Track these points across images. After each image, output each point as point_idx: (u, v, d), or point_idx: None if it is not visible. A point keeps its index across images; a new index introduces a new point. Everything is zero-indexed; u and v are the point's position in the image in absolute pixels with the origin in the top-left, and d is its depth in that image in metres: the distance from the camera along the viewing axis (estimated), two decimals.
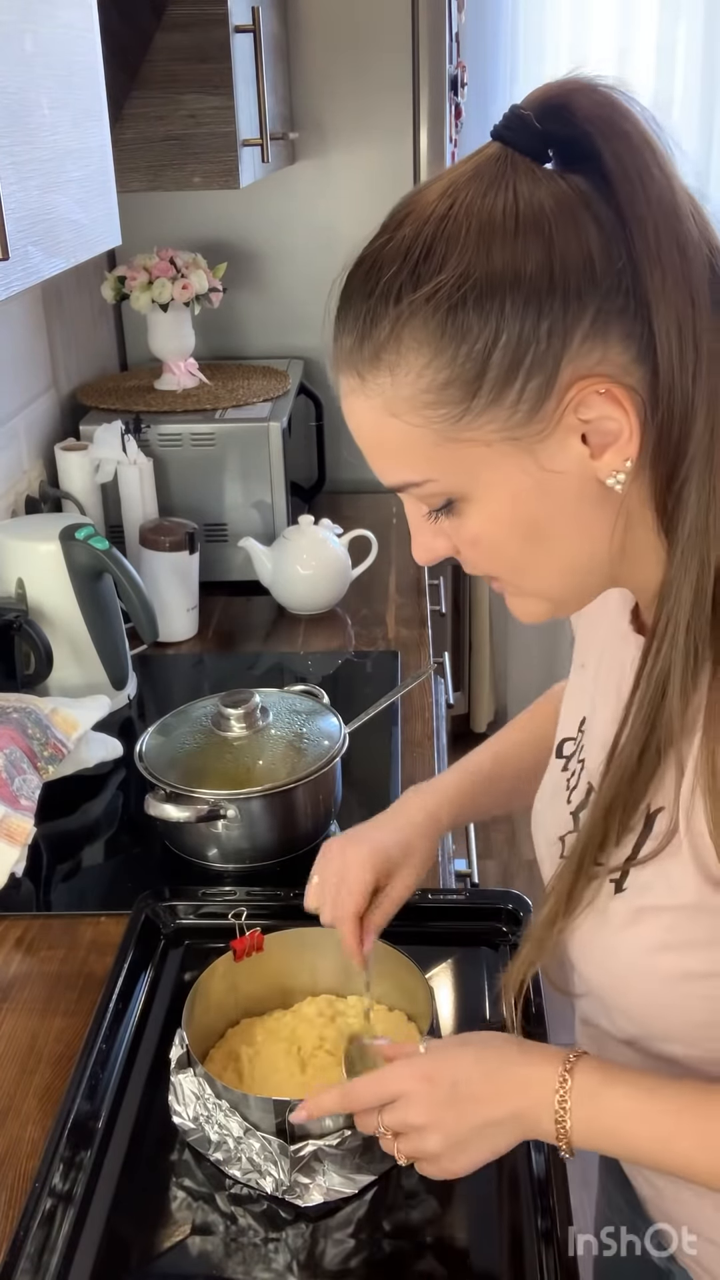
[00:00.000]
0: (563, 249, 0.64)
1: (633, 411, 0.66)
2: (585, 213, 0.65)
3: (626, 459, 0.67)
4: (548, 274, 0.64)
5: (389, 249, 0.69)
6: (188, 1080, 0.93)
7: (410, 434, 0.69)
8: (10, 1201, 0.91)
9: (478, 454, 0.69)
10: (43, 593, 1.56)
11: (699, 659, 0.68)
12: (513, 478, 0.69)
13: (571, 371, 0.65)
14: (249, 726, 1.29)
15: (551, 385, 0.66)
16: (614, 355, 0.66)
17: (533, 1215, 0.86)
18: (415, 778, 1.48)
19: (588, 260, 0.64)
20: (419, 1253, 0.85)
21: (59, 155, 1.01)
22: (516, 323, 0.65)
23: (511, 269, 0.64)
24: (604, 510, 0.70)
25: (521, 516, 0.71)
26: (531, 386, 0.66)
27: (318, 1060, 0.98)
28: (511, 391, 0.66)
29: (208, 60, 1.67)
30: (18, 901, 1.26)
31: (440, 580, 2.30)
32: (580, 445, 0.68)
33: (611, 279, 0.65)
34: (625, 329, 0.65)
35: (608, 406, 0.66)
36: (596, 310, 0.65)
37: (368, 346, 0.69)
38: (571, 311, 0.65)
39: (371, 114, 2.34)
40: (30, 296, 1.97)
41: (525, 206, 0.65)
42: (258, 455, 2.00)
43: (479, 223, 0.65)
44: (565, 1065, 0.76)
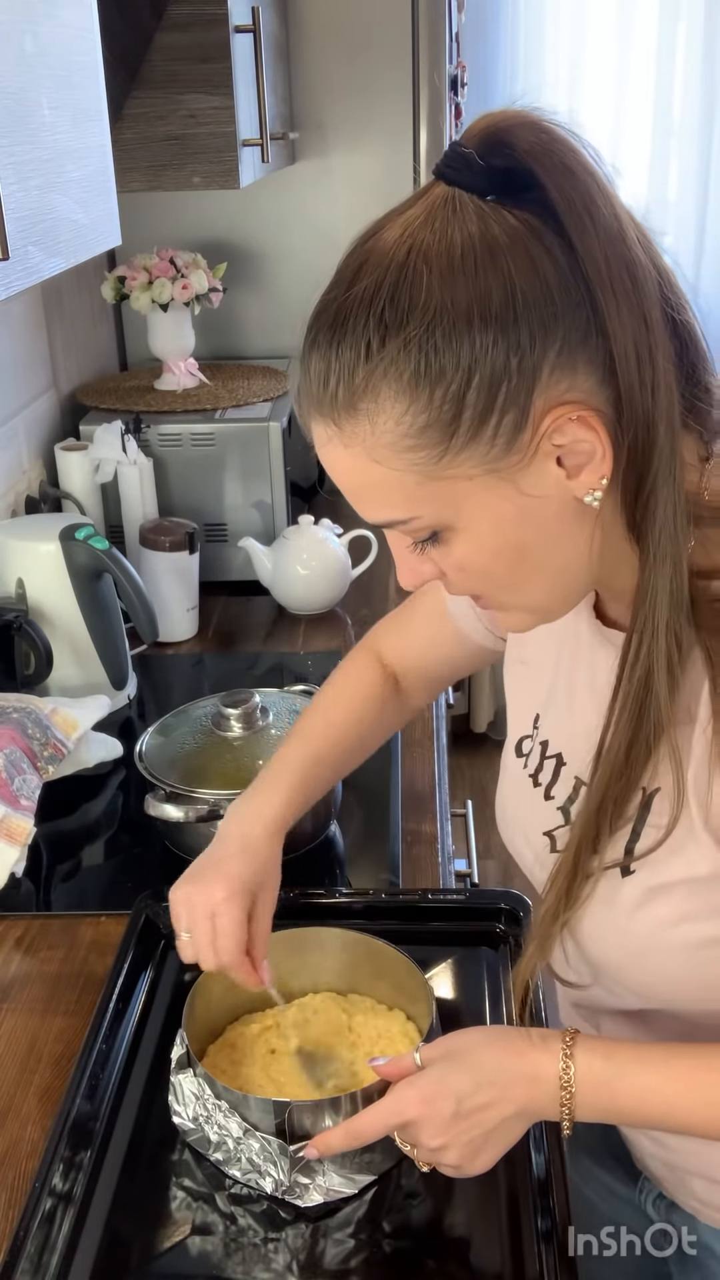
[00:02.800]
0: (523, 284, 0.66)
1: (603, 432, 0.68)
2: (538, 245, 0.67)
3: (602, 477, 0.70)
4: (511, 310, 0.66)
5: (350, 298, 0.70)
6: (188, 1080, 0.93)
7: (392, 477, 0.71)
8: (10, 1201, 0.91)
9: (460, 488, 0.71)
10: (43, 593, 1.56)
11: (682, 652, 0.71)
12: (495, 507, 0.71)
13: (544, 402, 0.68)
14: (249, 726, 1.29)
15: (526, 417, 0.68)
16: (580, 381, 0.68)
17: (533, 1215, 0.86)
18: (415, 778, 1.48)
19: (546, 293, 0.66)
20: (419, 1253, 0.85)
21: (59, 155, 1.01)
22: (487, 361, 0.66)
23: (477, 309, 0.66)
24: (582, 524, 0.73)
25: (506, 541, 0.73)
26: (507, 421, 0.68)
27: (314, 1053, 0.98)
28: (488, 427, 0.68)
29: (208, 60, 1.67)
30: (18, 901, 1.26)
31: None
32: (556, 468, 0.70)
33: (570, 308, 0.67)
34: (589, 355, 0.68)
35: (580, 430, 0.68)
36: (562, 340, 0.67)
37: (342, 396, 0.70)
38: (538, 344, 0.66)
39: (371, 114, 2.34)
40: (30, 296, 1.97)
41: (481, 245, 0.66)
42: (258, 455, 2.00)
43: (440, 267, 0.67)
44: (564, 1051, 0.78)
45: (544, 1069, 0.78)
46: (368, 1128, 0.84)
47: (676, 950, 0.78)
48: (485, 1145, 0.81)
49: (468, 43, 2.80)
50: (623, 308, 0.66)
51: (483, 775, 3.37)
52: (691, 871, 0.75)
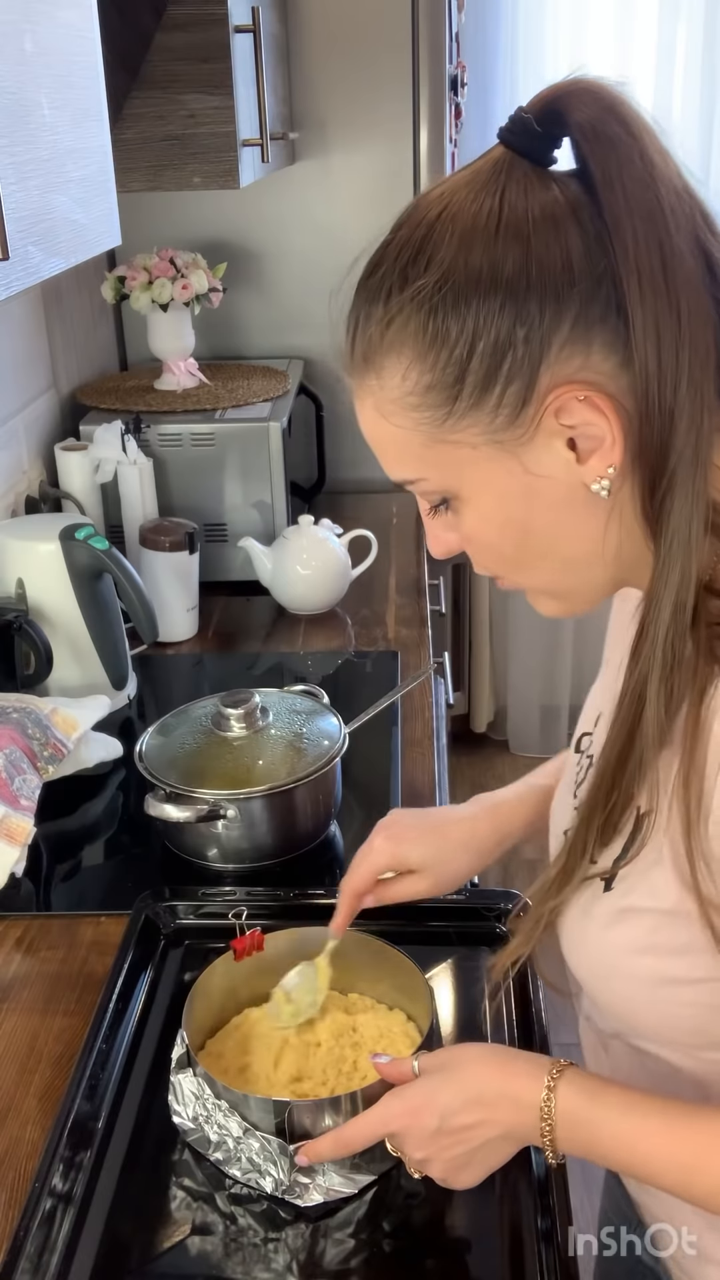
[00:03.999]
0: (540, 254, 0.65)
1: (614, 418, 0.67)
2: (570, 219, 0.66)
3: (610, 465, 0.68)
4: (524, 278, 0.65)
5: (388, 250, 0.70)
6: (187, 1080, 0.93)
7: (400, 435, 0.71)
8: (10, 1201, 0.91)
9: (464, 455, 0.70)
10: (43, 593, 1.56)
11: (676, 671, 0.68)
12: (499, 480, 0.70)
13: (551, 377, 0.66)
14: (249, 726, 1.29)
15: (531, 390, 0.67)
16: (596, 362, 0.66)
17: (533, 1215, 0.86)
18: (415, 778, 1.48)
19: (566, 265, 0.65)
20: (419, 1253, 0.85)
21: (59, 155, 1.01)
22: (493, 328, 0.66)
23: (489, 274, 0.65)
24: (594, 514, 0.71)
25: (511, 517, 0.72)
26: (511, 391, 0.67)
27: (317, 1055, 0.98)
28: (491, 396, 0.67)
29: (208, 60, 1.67)
30: (18, 901, 1.26)
31: (440, 580, 2.30)
32: (567, 451, 0.69)
33: (591, 285, 0.65)
34: (608, 336, 0.66)
35: (589, 413, 0.67)
36: (576, 316, 0.65)
37: (359, 348, 0.71)
38: (549, 316, 0.65)
39: (371, 114, 2.34)
40: (30, 296, 1.97)
41: (508, 211, 0.66)
42: (258, 455, 2.00)
43: (461, 226, 0.67)
44: (549, 1083, 0.77)
45: (528, 1095, 0.77)
46: (355, 1136, 0.85)
47: (638, 981, 0.76)
48: (469, 1162, 0.81)
49: (468, 43, 2.80)
50: (645, 290, 0.64)
51: (483, 775, 3.37)
52: (656, 902, 0.73)
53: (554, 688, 3.40)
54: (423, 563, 2.18)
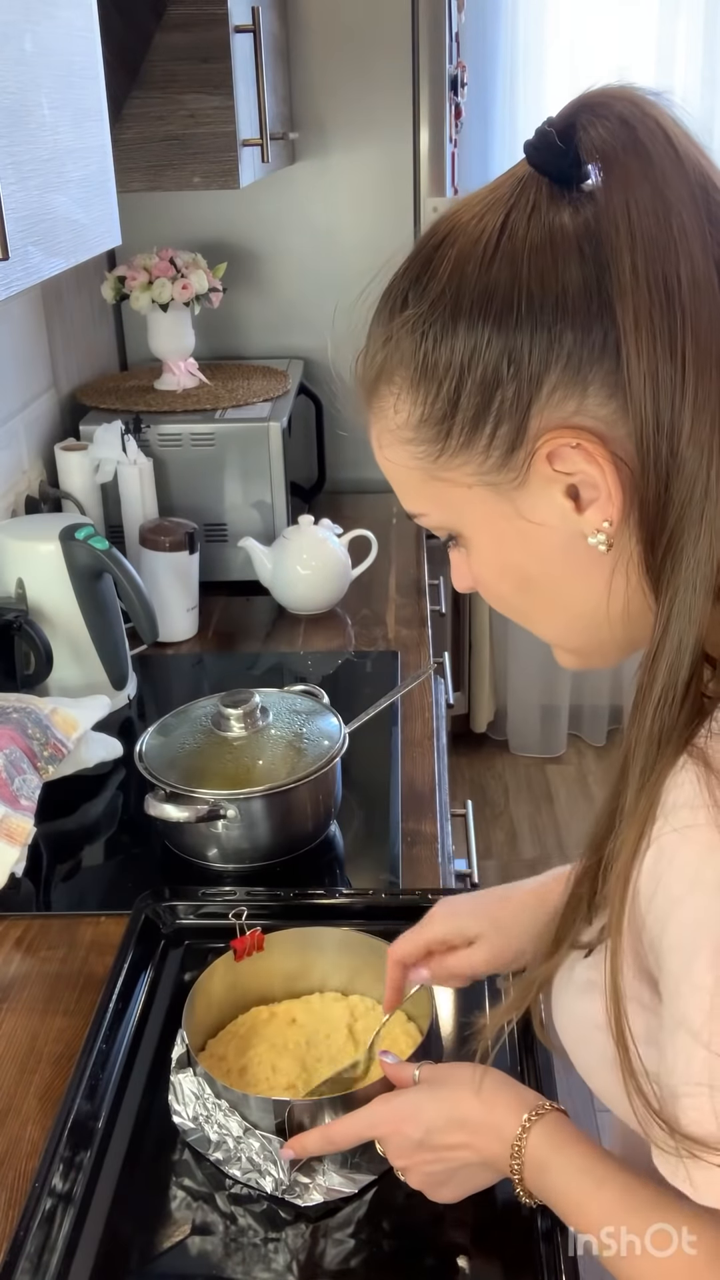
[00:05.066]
0: (533, 285, 0.60)
1: (609, 469, 0.61)
2: (573, 248, 0.60)
3: (605, 519, 0.63)
4: (514, 311, 0.61)
5: (397, 274, 0.67)
6: (188, 1080, 0.93)
7: (400, 469, 0.69)
8: (10, 1201, 0.91)
9: (459, 495, 0.67)
10: (43, 593, 1.56)
11: (661, 748, 0.62)
12: (494, 524, 0.67)
13: (542, 420, 0.62)
14: (249, 726, 1.29)
15: (522, 434, 0.63)
16: (592, 407, 0.61)
17: (533, 1215, 0.86)
18: (415, 778, 1.48)
19: (560, 298, 0.60)
20: (419, 1253, 0.85)
21: (59, 155, 1.01)
22: (481, 361, 0.62)
23: (477, 304, 0.61)
24: (596, 568, 0.66)
25: (509, 564, 0.69)
26: (502, 433, 0.63)
27: (314, 1052, 0.98)
28: (482, 436, 0.64)
29: (208, 60, 1.67)
30: (18, 901, 1.26)
31: (440, 580, 2.29)
32: (565, 499, 0.64)
33: (586, 321, 0.60)
34: (605, 379, 0.61)
35: (582, 462, 0.62)
36: (569, 355, 0.60)
37: (363, 372, 0.69)
38: (539, 353, 0.61)
39: (371, 114, 2.34)
40: (30, 296, 1.97)
41: (507, 235, 0.61)
42: (258, 455, 2.00)
43: (460, 252, 0.63)
44: (525, 1122, 0.76)
45: (507, 1129, 0.77)
46: (342, 1134, 0.85)
47: (598, 1056, 0.72)
48: (448, 1181, 0.82)
49: (468, 43, 2.80)
50: (642, 332, 0.58)
51: (483, 775, 3.37)
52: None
53: (554, 688, 3.40)
54: (423, 563, 2.18)
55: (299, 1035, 1.01)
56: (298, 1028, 1.02)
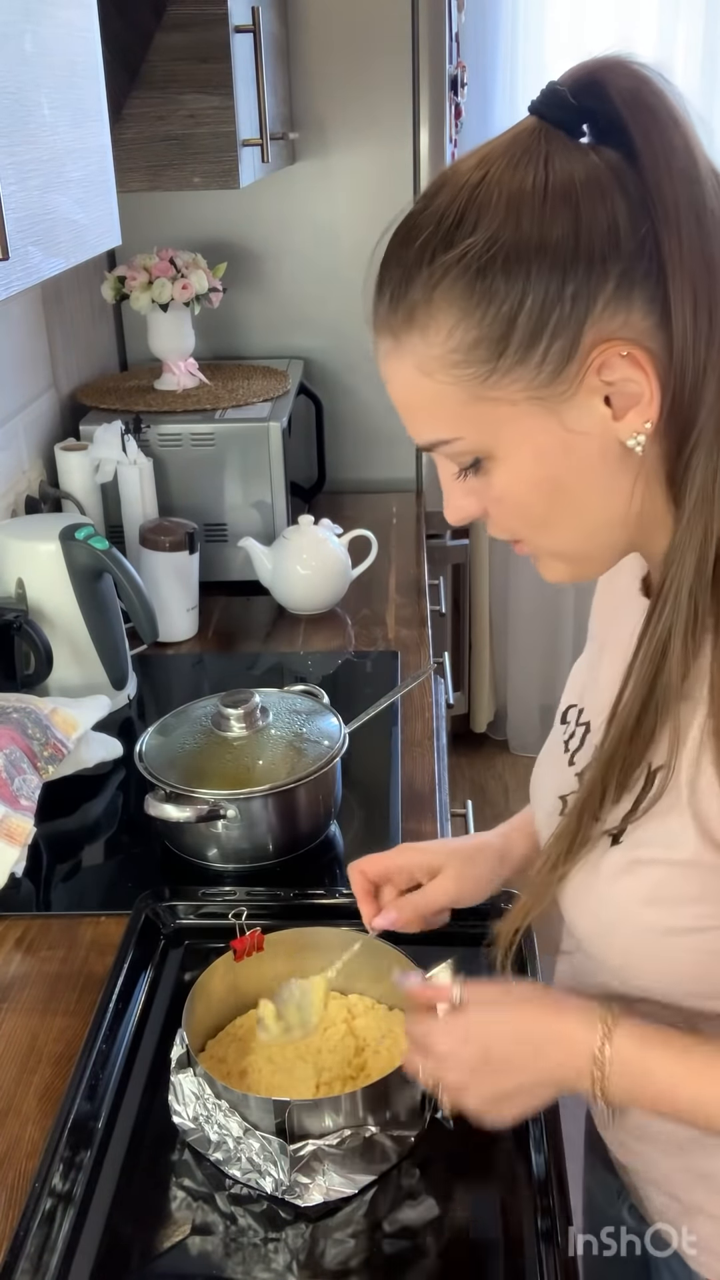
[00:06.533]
0: (588, 218, 0.67)
1: (653, 374, 0.69)
2: (614, 184, 0.68)
3: (647, 420, 0.70)
4: (573, 241, 0.67)
5: (424, 216, 0.72)
6: (188, 1080, 0.93)
7: (441, 392, 0.72)
8: (10, 1201, 0.91)
9: (504, 413, 0.71)
10: (43, 593, 1.56)
11: (699, 624, 0.70)
12: (537, 437, 0.72)
13: (594, 334, 0.68)
14: (249, 726, 1.29)
15: (575, 347, 0.69)
16: (636, 320, 0.69)
17: (533, 1215, 0.86)
18: (415, 778, 1.48)
19: (612, 228, 0.68)
20: (419, 1253, 0.85)
21: (59, 155, 1.01)
22: (542, 287, 0.68)
23: (538, 236, 0.67)
24: (624, 472, 0.72)
25: (545, 475, 0.73)
26: (556, 348, 0.69)
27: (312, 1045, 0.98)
28: (537, 352, 0.69)
29: (208, 60, 1.67)
30: (18, 901, 1.26)
31: (440, 580, 2.30)
32: (603, 407, 0.70)
33: (634, 246, 0.68)
34: (648, 295, 0.68)
35: (629, 369, 0.69)
36: (620, 276, 0.68)
37: (402, 308, 0.72)
38: (595, 277, 0.68)
39: (371, 114, 2.34)
40: (30, 296, 1.97)
41: (554, 178, 0.68)
42: (258, 455, 2.00)
43: (509, 192, 0.68)
44: (604, 1030, 0.77)
45: (582, 1044, 0.78)
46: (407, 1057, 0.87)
47: (642, 931, 0.77)
48: (507, 1102, 0.82)
49: (468, 43, 2.80)
50: (684, 250, 0.67)
51: (483, 775, 3.37)
52: (670, 853, 0.75)
53: (554, 688, 3.40)
54: (423, 563, 2.18)
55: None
56: None
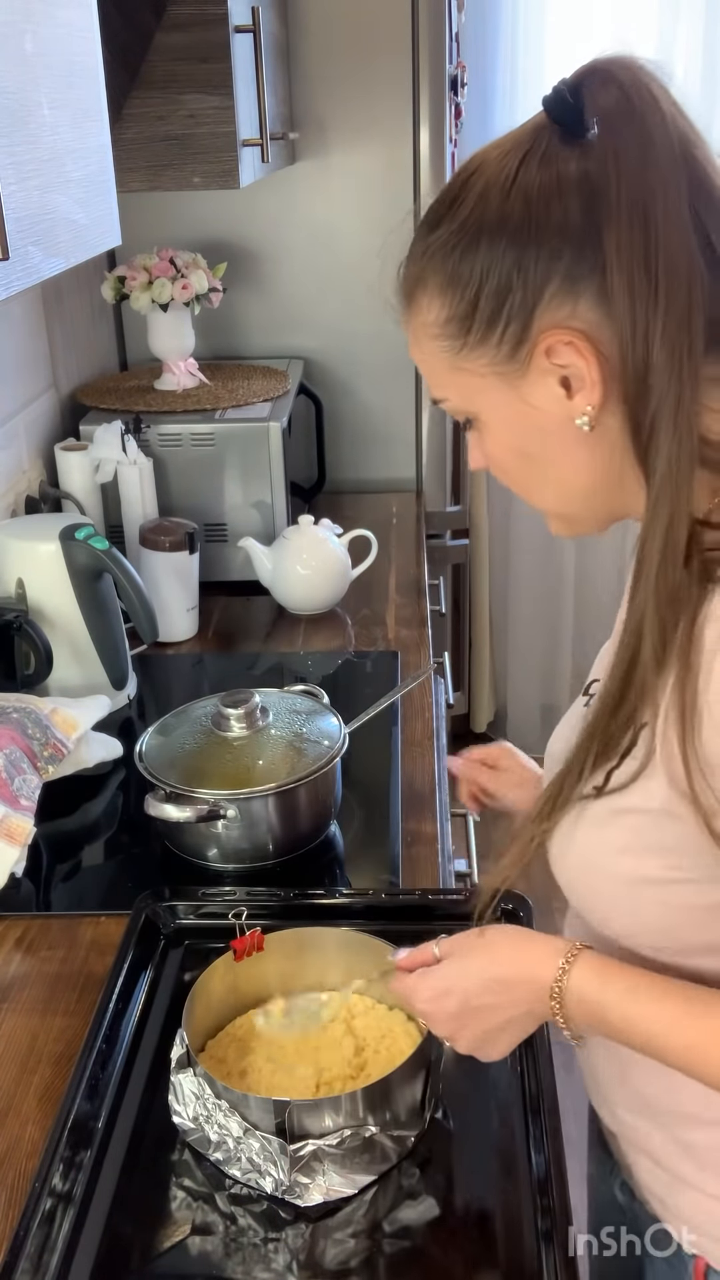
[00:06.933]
0: (539, 213, 0.74)
1: (593, 362, 0.75)
2: (574, 188, 0.74)
3: (589, 404, 0.76)
4: (527, 233, 0.74)
5: (436, 198, 0.81)
6: (188, 1080, 0.93)
7: (430, 359, 0.82)
8: (10, 1201, 0.91)
9: (476, 383, 0.80)
10: (43, 593, 1.56)
11: (671, 601, 0.74)
12: (502, 407, 0.81)
13: (544, 321, 0.76)
14: (249, 726, 1.29)
15: (527, 331, 0.76)
16: (584, 311, 0.75)
17: (533, 1215, 0.86)
18: (415, 778, 1.48)
19: (561, 226, 0.74)
20: (419, 1253, 0.85)
21: (59, 155, 1.01)
22: (497, 272, 0.76)
23: (499, 226, 0.75)
24: (585, 446, 0.79)
25: (514, 443, 0.83)
26: (511, 330, 0.77)
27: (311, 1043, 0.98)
28: (495, 333, 0.77)
29: (208, 60, 1.67)
30: (18, 901, 1.26)
31: (440, 580, 2.30)
32: (559, 388, 0.77)
33: (580, 244, 0.74)
34: (594, 291, 0.74)
35: (573, 355, 0.75)
36: (566, 270, 0.74)
37: (406, 282, 0.82)
38: (543, 267, 0.74)
39: (371, 114, 2.34)
40: (30, 296, 1.97)
41: (523, 174, 0.75)
42: (258, 455, 2.00)
43: (485, 182, 0.76)
44: (563, 964, 0.81)
45: (543, 974, 0.82)
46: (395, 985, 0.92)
47: (615, 881, 0.83)
48: (493, 1041, 0.87)
49: (468, 43, 2.80)
50: (623, 256, 0.72)
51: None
52: (646, 803, 0.79)
53: (554, 687, 3.40)
54: (423, 563, 2.18)
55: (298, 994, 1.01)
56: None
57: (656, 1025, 0.79)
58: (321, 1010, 1.00)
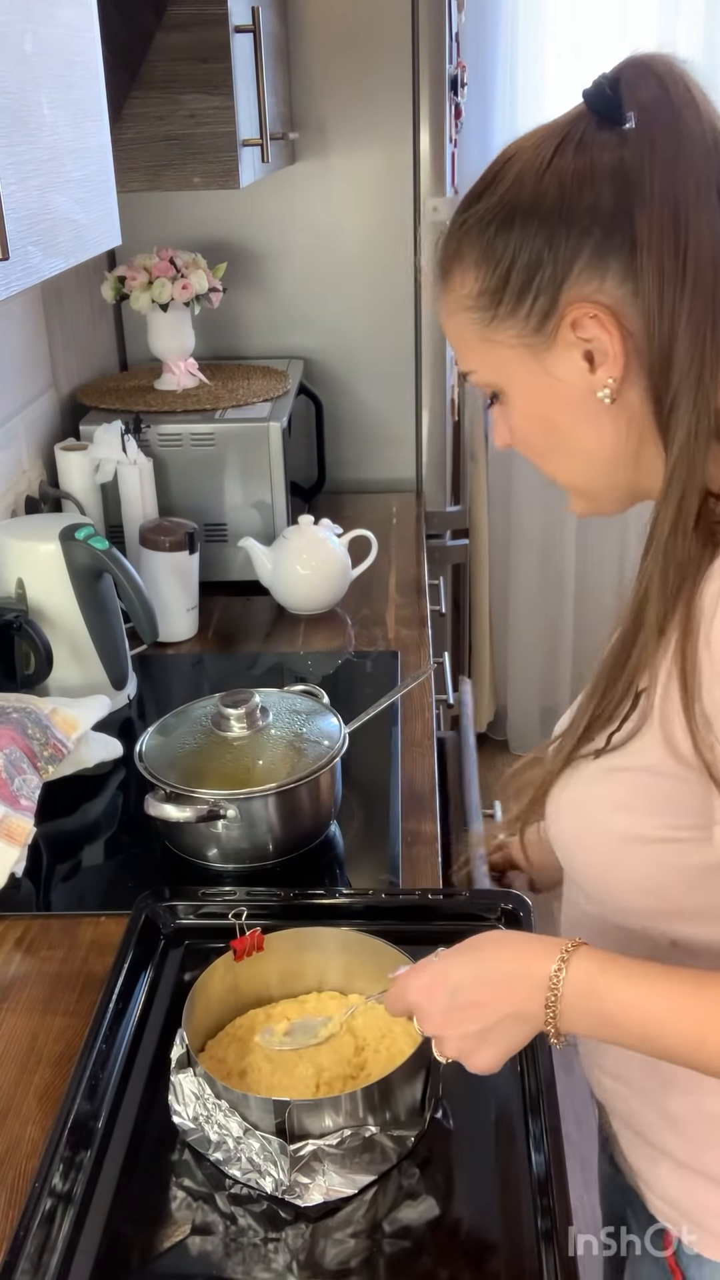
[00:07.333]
0: (572, 196, 0.78)
1: (616, 336, 0.78)
2: (607, 174, 0.77)
3: (611, 377, 0.79)
4: (559, 213, 0.78)
5: (475, 180, 0.85)
6: (188, 1080, 0.93)
7: (461, 331, 0.86)
8: (10, 1201, 0.91)
9: (504, 354, 0.84)
10: (43, 593, 1.56)
11: (678, 571, 0.77)
12: (528, 379, 0.84)
13: (571, 295, 0.79)
14: (249, 726, 1.29)
15: (555, 305, 0.80)
16: (610, 287, 0.78)
17: (533, 1215, 0.86)
18: (415, 778, 1.48)
19: (592, 207, 0.77)
20: (419, 1253, 0.85)
21: (59, 155, 1.01)
22: (528, 248, 0.79)
23: (533, 206, 0.79)
24: (606, 418, 0.82)
25: (538, 413, 0.85)
26: (540, 303, 0.80)
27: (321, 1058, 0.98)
28: (525, 305, 0.81)
29: (208, 60, 1.67)
30: (18, 901, 1.26)
31: (440, 580, 2.30)
32: (582, 361, 0.80)
33: (611, 223, 0.77)
34: (622, 267, 0.77)
35: (597, 329, 0.78)
36: (595, 247, 0.77)
37: (444, 256, 0.86)
38: (573, 244, 0.78)
39: (371, 114, 2.34)
40: (30, 296, 1.97)
41: (557, 160, 0.79)
42: (258, 455, 2.00)
43: (520, 165, 0.81)
44: (562, 956, 0.81)
45: (538, 969, 0.81)
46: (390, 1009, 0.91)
47: (607, 837, 0.85)
48: (483, 1043, 0.84)
49: (468, 43, 2.80)
50: (654, 235, 0.75)
51: (483, 775, 3.36)
52: (640, 760, 0.81)
53: (554, 688, 3.40)
54: (423, 563, 2.18)
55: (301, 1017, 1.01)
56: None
57: (657, 1008, 0.78)
58: (320, 1029, 0.99)
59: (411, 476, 2.57)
